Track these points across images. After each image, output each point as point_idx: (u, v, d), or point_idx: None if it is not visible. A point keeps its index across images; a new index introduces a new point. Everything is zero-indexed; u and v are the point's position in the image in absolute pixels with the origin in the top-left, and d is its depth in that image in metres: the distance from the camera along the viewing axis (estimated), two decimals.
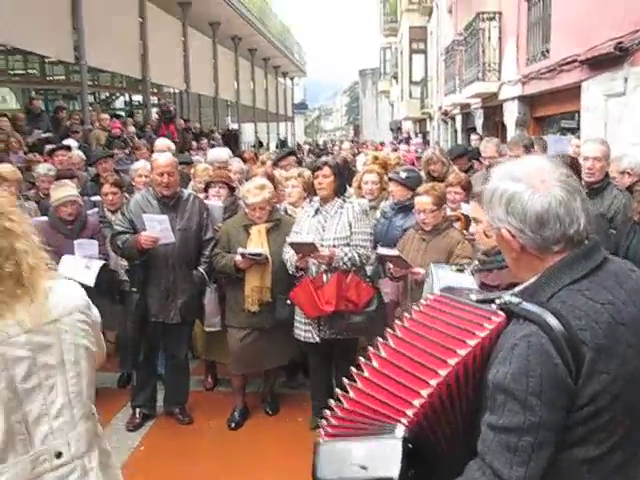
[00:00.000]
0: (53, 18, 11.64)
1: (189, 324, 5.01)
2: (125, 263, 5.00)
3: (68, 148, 7.49)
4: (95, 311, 2.03)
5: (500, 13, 12.43)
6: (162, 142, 7.21)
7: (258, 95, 28.18)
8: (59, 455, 1.83)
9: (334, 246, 4.46)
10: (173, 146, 7.62)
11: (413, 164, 8.48)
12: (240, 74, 24.96)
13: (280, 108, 34.66)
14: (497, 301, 1.57)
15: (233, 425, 4.89)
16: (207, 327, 5.19)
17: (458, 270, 3.71)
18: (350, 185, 6.02)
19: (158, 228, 4.51)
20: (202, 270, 4.80)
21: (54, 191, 4.97)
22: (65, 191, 4.91)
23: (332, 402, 1.65)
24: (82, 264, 4.69)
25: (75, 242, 4.74)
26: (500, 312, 1.55)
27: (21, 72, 20.18)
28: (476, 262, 3.49)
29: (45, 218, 5.23)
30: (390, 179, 5.37)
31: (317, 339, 4.57)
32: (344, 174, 5.09)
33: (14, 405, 1.73)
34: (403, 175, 5.19)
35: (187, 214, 4.76)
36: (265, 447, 4.62)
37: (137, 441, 4.72)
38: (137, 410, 4.97)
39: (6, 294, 1.73)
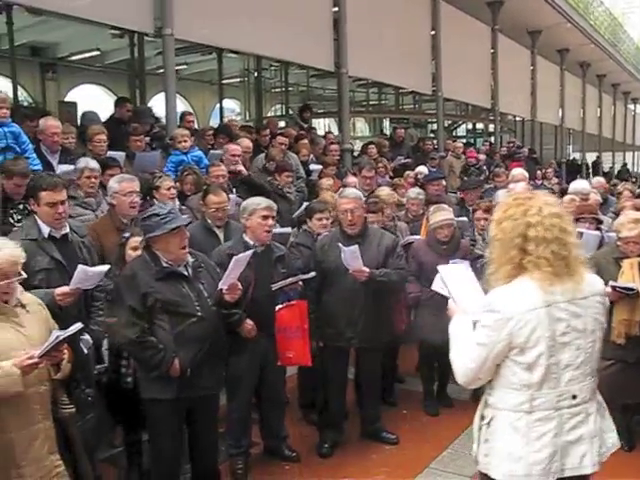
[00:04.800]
0: (415, 54, 12.66)
1: None
2: None
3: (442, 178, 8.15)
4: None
5: None
6: (519, 172, 7.40)
7: (605, 123, 26.81)
8: (574, 397, 2.51)
9: None
10: (527, 175, 7.78)
11: None
12: (587, 101, 24.06)
13: (627, 136, 32.48)
14: None
15: None
16: None
17: None
18: None
19: None
20: None
21: (433, 214, 5.49)
22: (443, 215, 5.41)
23: None
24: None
25: (451, 262, 5.18)
26: None
27: (375, 103, 22.09)
28: None
29: (418, 237, 5.84)
30: None
31: None
32: None
33: (552, 352, 2.45)
34: None
35: None
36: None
37: None
38: None
39: (558, 270, 2.45)
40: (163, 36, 7.45)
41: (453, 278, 2.91)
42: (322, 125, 20.24)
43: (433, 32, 13.07)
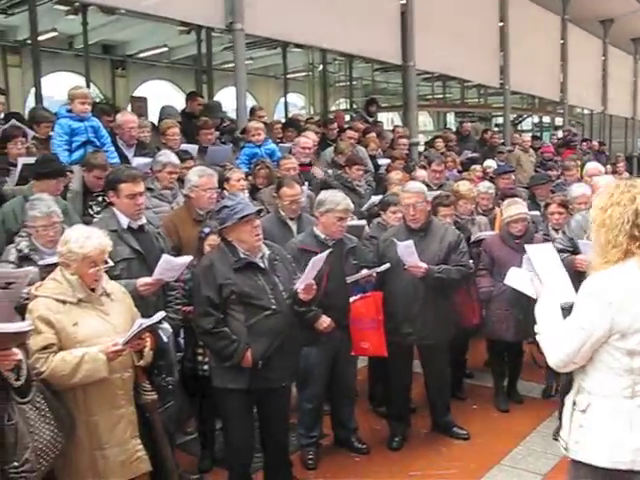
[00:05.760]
0: (483, 46, 12.48)
1: None
2: None
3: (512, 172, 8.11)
4: None
5: None
6: (593, 166, 7.20)
7: None
8: None
9: None
10: (602, 169, 7.57)
11: None
12: None
13: None
14: None
15: None
16: None
17: None
18: None
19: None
20: None
21: (507, 208, 5.41)
22: (517, 209, 5.33)
23: None
24: (528, 277, 5.01)
25: (524, 257, 5.10)
26: None
27: (440, 96, 21.83)
28: None
29: (492, 233, 5.77)
30: None
31: None
32: None
33: None
34: None
35: None
36: None
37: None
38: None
39: None
40: (234, 31, 7.57)
41: (540, 258, 2.89)
42: (385, 119, 20.14)
43: (501, 23, 12.86)
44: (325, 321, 4.36)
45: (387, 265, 4.62)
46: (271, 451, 4.18)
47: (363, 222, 5.68)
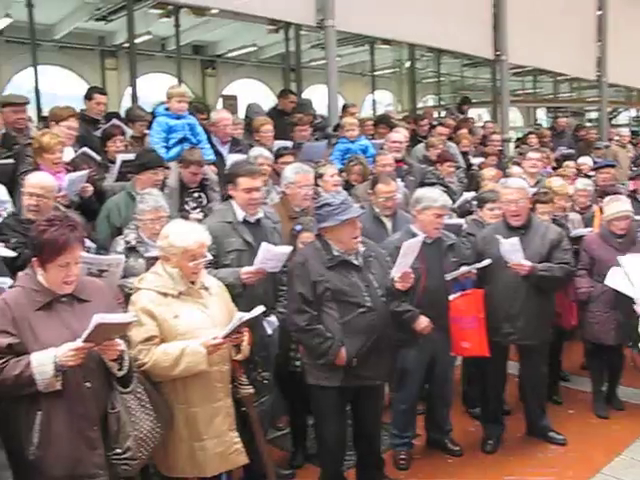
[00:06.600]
0: (579, 37, 12.02)
1: None
2: None
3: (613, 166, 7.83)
4: None
5: None
6: None
7: None
8: None
9: None
10: None
11: None
12: None
13: None
14: None
15: None
16: None
17: None
18: None
19: None
20: None
21: (608, 205, 5.20)
22: (619, 206, 5.11)
23: None
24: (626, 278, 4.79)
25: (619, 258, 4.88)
26: None
27: (530, 91, 21.21)
28: None
29: (589, 229, 5.58)
30: None
31: None
32: None
33: None
34: None
35: None
36: None
37: None
38: None
39: None
40: (325, 28, 7.61)
41: (636, 269, 2.71)
42: (474, 115, 19.70)
43: (600, 12, 12.35)
44: (423, 322, 4.28)
45: (488, 261, 4.50)
46: (364, 450, 4.16)
47: (461, 220, 5.57)
